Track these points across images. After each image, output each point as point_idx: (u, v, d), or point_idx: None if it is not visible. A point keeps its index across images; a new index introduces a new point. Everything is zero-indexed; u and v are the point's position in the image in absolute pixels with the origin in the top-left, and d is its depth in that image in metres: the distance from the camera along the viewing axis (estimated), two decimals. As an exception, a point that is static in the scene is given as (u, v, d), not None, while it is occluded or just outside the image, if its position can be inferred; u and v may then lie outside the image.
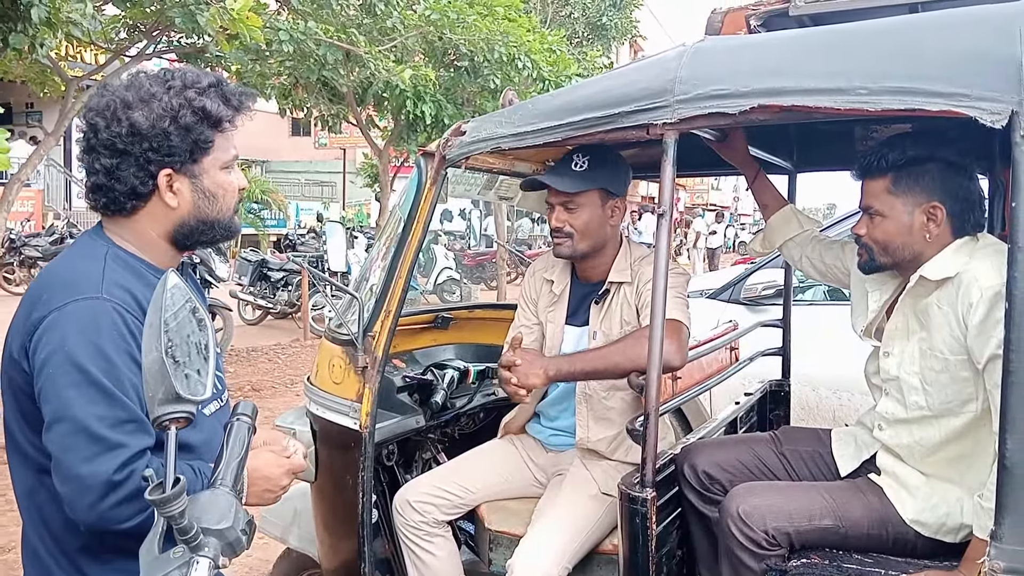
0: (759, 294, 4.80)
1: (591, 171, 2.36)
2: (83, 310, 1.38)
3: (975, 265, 1.86)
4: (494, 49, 9.75)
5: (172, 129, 1.47)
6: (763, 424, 3.22)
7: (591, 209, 2.40)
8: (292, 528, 2.93)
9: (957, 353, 1.88)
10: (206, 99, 1.50)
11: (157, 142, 1.47)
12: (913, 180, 1.97)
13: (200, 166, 1.53)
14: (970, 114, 1.55)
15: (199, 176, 1.53)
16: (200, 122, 1.50)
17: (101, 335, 1.37)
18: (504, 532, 2.49)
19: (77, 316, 1.37)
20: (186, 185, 1.52)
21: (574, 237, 2.41)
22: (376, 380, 2.35)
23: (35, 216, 17.11)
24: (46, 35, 5.96)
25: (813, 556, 1.99)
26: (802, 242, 2.56)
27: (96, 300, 1.39)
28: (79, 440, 1.32)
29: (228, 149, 1.56)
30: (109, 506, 1.33)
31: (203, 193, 1.54)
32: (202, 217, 1.55)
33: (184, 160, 1.50)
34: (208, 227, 1.57)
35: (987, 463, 1.84)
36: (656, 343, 1.88)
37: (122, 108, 1.47)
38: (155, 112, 1.47)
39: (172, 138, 1.48)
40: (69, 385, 1.34)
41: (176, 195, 1.52)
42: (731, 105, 1.79)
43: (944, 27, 1.71)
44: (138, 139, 1.46)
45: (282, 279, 11.69)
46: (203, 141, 1.51)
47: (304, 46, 8.73)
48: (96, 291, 1.40)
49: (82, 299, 1.39)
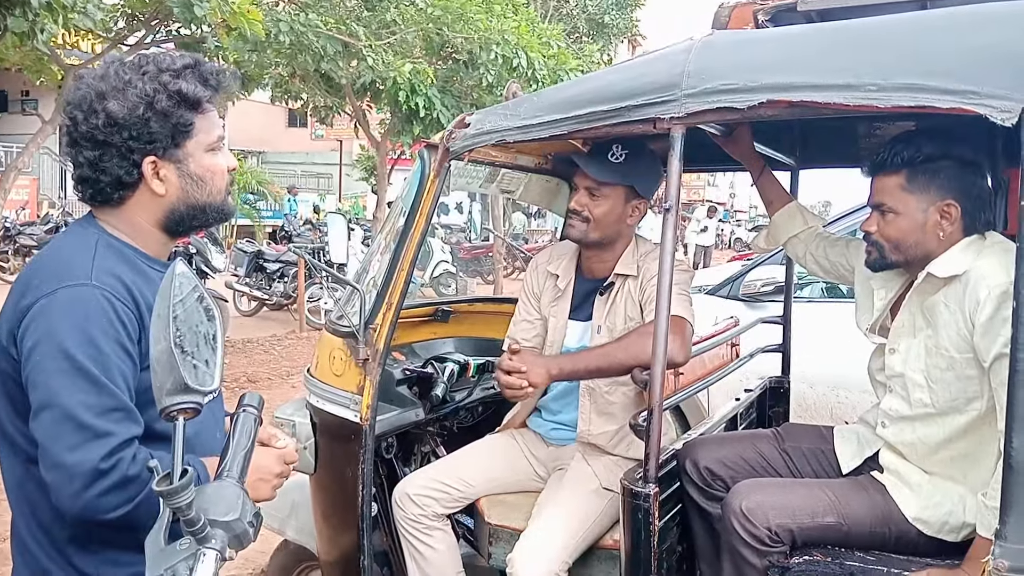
0: (758, 290, 4.79)
1: (625, 166, 2.36)
2: (72, 297, 1.37)
3: (983, 263, 1.86)
4: (491, 49, 9.73)
5: (150, 115, 1.45)
6: (762, 421, 3.22)
7: (613, 202, 2.39)
8: (290, 520, 2.92)
9: (963, 351, 1.88)
10: (182, 81, 1.47)
11: (136, 130, 1.45)
12: (929, 177, 1.96)
13: (184, 150, 1.50)
14: (980, 112, 1.54)
15: (184, 160, 1.51)
16: (177, 105, 1.47)
17: (90, 322, 1.35)
18: (504, 526, 2.48)
19: (66, 303, 1.36)
20: (172, 171, 1.50)
21: (589, 223, 2.40)
22: (377, 372, 2.34)
23: (30, 204, 17.06)
24: (46, 20, 5.93)
25: (815, 553, 1.98)
26: (807, 239, 2.55)
27: (86, 287, 1.38)
28: (65, 428, 1.31)
29: (212, 130, 1.53)
30: (95, 495, 1.31)
31: (190, 178, 1.52)
32: (192, 202, 1.53)
33: (167, 146, 1.48)
34: (199, 211, 1.55)
35: (991, 462, 1.84)
36: (660, 339, 1.88)
37: (97, 99, 1.45)
38: (131, 100, 1.45)
39: (151, 124, 1.45)
40: (56, 372, 1.33)
41: (163, 182, 1.50)
42: (739, 100, 1.78)
43: (954, 24, 1.70)
44: (117, 129, 1.44)
45: (278, 270, 11.67)
46: (183, 124, 1.48)
47: (304, 37, 8.71)
48: (86, 278, 1.39)
49: (72, 286, 1.38)
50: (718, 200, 42.54)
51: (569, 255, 2.57)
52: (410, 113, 10.16)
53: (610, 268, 2.46)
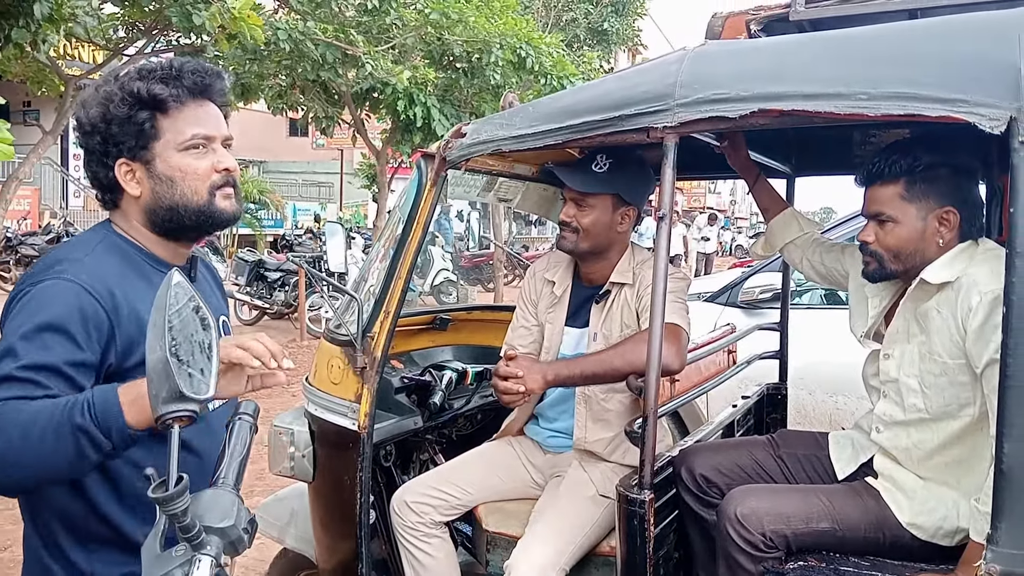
0: (756, 297, 4.81)
1: (609, 175, 2.37)
2: (48, 287, 1.40)
3: (975, 270, 1.87)
4: (492, 51, 9.75)
5: (111, 118, 1.47)
6: (760, 427, 3.23)
7: (600, 212, 2.41)
8: (289, 528, 2.93)
9: (956, 357, 1.89)
10: (138, 82, 1.47)
11: (102, 134, 1.48)
12: (928, 185, 1.97)
13: (151, 151, 1.49)
14: (969, 120, 1.56)
15: (151, 161, 1.50)
16: (133, 107, 1.47)
17: (60, 311, 1.37)
18: (501, 533, 2.49)
19: (40, 291, 1.39)
20: (143, 172, 1.50)
21: (579, 234, 2.42)
22: (375, 381, 2.35)
23: (32, 215, 17.09)
24: (48, 31, 5.97)
25: (810, 559, 1.99)
26: (803, 245, 2.57)
27: (68, 282, 1.40)
28: None
29: (183, 130, 1.50)
30: None
31: (159, 178, 1.50)
32: (163, 203, 1.51)
33: (134, 147, 1.49)
34: (173, 213, 1.52)
35: (984, 467, 1.85)
36: (655, 346, 1.89)
37: (82, 109, 1.50)
38: (97, 106, 1.48)
39: (112, 127, 1.47)
40: (17, 332, 1.35)
41: (137, 184, 1.51)
42: (731, 109, 1.80)
43: (943, 33, 1.72)
44: (89, 135, 1.49)
45: (279, 279, 11.69)
46: (144, 124, 1.47)
47: (303, 45, 8.74)
48: (74, 275, 1.41)
49: (57, 279, 1.40)
50: (719, 207, 42.54)
51: (566, 263, 2.59)
52: (409, 123, 10.18)
53: (606, 276, 2.47)
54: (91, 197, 20.42)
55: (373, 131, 13.55)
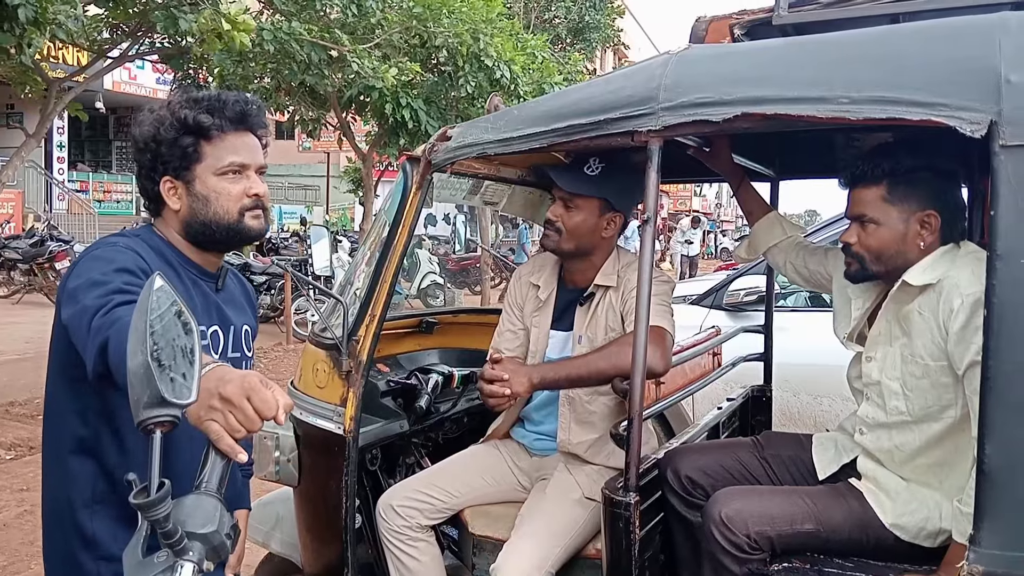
0: (741, 300, 4.83)
1: (600, 179, 2.38)
2: (91, 249, 1.62)
3: (956, 272, 1.89)
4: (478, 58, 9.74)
5: (160, 139, 1.67)
6: (745, 429, 3.24)
7: (587, 215, 2.41)
8: (274, 533, 2.92)
9: (938, 359, 1.90)
10: (186, 110, 1.66)
11: (151, 153, 1.68)
12: (910, 188, 1.98)
13: (192, 172, 1.69)
14: (949, 124, 1.57)
15: (192, 181, 1.69)
16: (180, 132, 1.66)
17: (108, 257, 1.56)
18: (488, 537, 2.48)
19: (92, 250, 1.60)
20: (184, 190, 1.70)
21: (562, 234, 2.42)
22: (360, 384, 2.34)
23: (15, 218, 16.97)
24: (33, 35, 5.93)
25: (795, 560, 2.00)
26: (786, 248, 2.58)
27: (124, 248, 1.60)
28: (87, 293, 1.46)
29: (222, 157, 1.69)
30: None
31: (196, 197, 1.70)
32: (198, 219, 1.70)
33: (178, 167, 1.68)
34: (207, 227, 1.71)
35: (966, 468, 1.86)
36: (640, 348, 1.90)
37: (137, 128, 1.70)
38: (149, 127, 1.68)
39: (161, 149, 1.67)
40: (79, 289, 1.49)
41: (178, 199, 1.71)
42: (715, 113, 1.81)
43: (925, 38, 1.73)
44: (141, 152, 1.70)
45: (265, 283, 11.64)
46: (188, 148, 1.67)
47: (288, 46, 8.70)
48: (126, 245, 1.61)
49: (114, 245, 1.61)
50: (705, 211, 42.65)
51: (551, 266, 2.59)
52: (396, 125, 10.16)
53: (590, 278, 2.47)
54: (75, 200, 20.37)
55: (359, 134, 13.51)
